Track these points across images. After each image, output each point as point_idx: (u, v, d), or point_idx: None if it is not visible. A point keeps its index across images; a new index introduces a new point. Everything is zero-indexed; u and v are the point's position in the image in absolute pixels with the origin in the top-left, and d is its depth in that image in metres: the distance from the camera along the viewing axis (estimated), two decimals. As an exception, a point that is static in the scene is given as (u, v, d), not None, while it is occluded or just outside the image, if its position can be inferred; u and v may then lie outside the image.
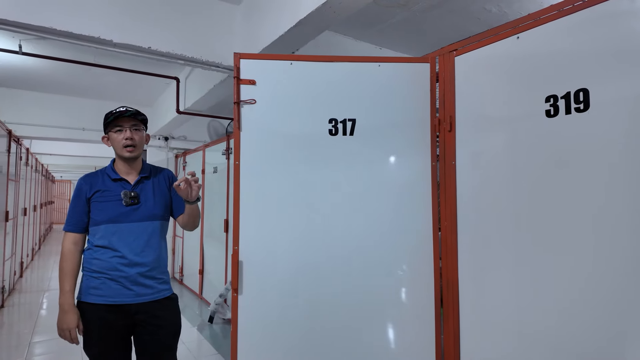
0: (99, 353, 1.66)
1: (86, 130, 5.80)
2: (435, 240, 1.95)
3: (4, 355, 3.24)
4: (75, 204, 1.72)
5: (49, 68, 4.55)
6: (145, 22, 2.69)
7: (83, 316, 1.66)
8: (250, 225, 1.87)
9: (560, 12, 1.47)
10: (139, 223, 1.70)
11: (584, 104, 1.37)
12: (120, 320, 1.66)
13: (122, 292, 1.65)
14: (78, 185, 1.74)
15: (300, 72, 1.94)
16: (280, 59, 1.96)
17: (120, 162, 1.76)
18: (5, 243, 4.55)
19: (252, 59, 1.93)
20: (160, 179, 1.84)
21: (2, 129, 4.19)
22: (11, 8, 2.29)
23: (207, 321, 4.01)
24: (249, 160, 1.89)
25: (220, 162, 4.51)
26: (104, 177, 1.74)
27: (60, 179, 17.48)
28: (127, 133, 1.70)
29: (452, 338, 1.82)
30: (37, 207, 8.47)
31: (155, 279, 1.72)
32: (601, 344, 1.32)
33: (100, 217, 1.68)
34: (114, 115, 1.70)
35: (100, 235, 1.68)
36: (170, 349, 1.76)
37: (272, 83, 1.92)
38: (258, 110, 1.90)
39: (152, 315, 1.70)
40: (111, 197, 1.70)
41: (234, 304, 1.83)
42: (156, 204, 1.77)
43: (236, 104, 1.89)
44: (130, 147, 1.71)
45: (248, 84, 1.90)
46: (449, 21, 3.40)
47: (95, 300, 1.64)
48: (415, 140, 1.97)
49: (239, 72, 1.90)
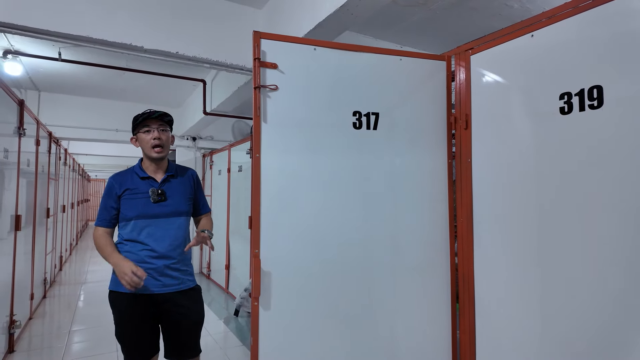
0: (129, 339, 1.78)
1: (119, 131, 6.08)
2: (451, 236, 1.99)
3: (46, 342, 3.49)
4: (106, 201, 1.84)
5: (85, 73, 4.82)
6: (173, 28, 2.84)
7: (113, 304, 1.79)
8: (271, 224, 1.75)
9: (575, 9, 1.48)
10: (166, 219, 1.81)
11: (598, 100, 1.38)
12: (148, 309, 1.77)
13: (150, 283, 1.75)
14: (109, 184, 1.85)
15: (324, 59, 1.85)
16: (304, 42, 1.85)
17: (148, 162, 1.87)
18: (47, 238, 4.86)
19: (274, 40, 1.77)
20: (185, 179, 1.93)
21: (44, 131, 4.47)
22: (52, 19, 2.48)
23: (232, 314, 4.16)
24: (270, 152, 1.75)
25: (245, 161, 4.65)
26: (133, 176, 1.85)
27: (95, 178, 18.26)
28: (154, 133, 1.81)
29: (467, 333, 1.85)
30: (75, 205, 8.93)
31: (180, 271, 1.83)
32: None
33: (130, 213, 1.80)
34: (143, 117, 1.81)
35: (130, 229, 1.79)
36: (194, 336, 1.86)
37: (295, 68, 1.79)
38: (279, 97, 1.76)
39: (177, 304, 1.80)
40: (140, 194, 1.80)
41: (254, 312, 1.71)
42: (181, 201, 1.86)
43: (256, 89, 1.72)
44: (158, 147, 1.81)
45: (269, 67, 1.75)
46: (469, 18, 3.39)
47: (125, 289, 1.73)
48: (434, 137, 1.99)
49: (259, 53, 1.73)
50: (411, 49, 3.99)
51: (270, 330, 1.71)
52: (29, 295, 3.90)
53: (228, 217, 5.13)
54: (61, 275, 6.23)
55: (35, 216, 4.03)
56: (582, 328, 1.42)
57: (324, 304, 1.81)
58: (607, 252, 1.35)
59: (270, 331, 1.72)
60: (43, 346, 3.38)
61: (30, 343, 3.43)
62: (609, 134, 1.35)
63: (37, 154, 4.00)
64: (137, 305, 1.76)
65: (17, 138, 3.15)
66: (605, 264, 1.36)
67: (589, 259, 1.40)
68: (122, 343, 1.80)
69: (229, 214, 5.11)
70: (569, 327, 1.46)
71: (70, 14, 2.51)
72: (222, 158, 5.61)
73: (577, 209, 1.44)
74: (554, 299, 1.51)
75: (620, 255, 1.32)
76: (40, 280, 4.54)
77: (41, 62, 4.41)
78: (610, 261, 1.34)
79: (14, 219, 3.13)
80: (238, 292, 4.34)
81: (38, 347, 3.36)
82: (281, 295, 1.74)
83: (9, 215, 3.02)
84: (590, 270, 1.40)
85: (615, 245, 1.33)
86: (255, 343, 1.70)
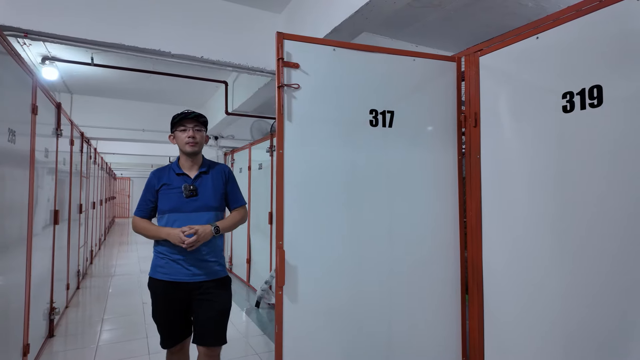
0: (163, 320, 1.98)
1: (145, 131, 6.36)
2: (461, 230, 2.08)
3: (80, 328, 3.74)
4: (145, 194, 2.03)
5: (114, 76, 5.08)
6: (198, 34, 3.01)
7: (151, 289, 1.98)
8: (294, 216, 1.82)
9: (578, 12, 1.55)
10: (197, 213, 1.94)
11: (598, 99, 1.46)
12: (179, 295, 1.93)
13: (181, 272, 1.91)
14: (149, 178, 2.03)
15: (342, 60, 1.92)
16: (323, 43, 1.93)
17: (184, 158, 2.02)
18: (79, 232, 5.15)
19: (296, 41, 1.85)
20: (217, 175, 2.05)
21: (77, 131, 4.75)
22: (88, 28, 2.68)
23: (254, 306, 4.34)
24: (292, 148, 1.82)
25: (264, 159, 4.81)
26: (170, 172, 2.01)
27: (121, 176, 18.90)
28: (189, 132, 1.97)
29: (476, 321, 1.95)
30: (103, 202, 9.33)
31: (210, 262, 1.96)
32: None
33: (165, 207, 1.97)
34: (180, 117, 1.98)
35: (164, 222, 1.96)
36: (218, 324, 1.95)
37: (315, 68, 1.87)
38: (301, 95, 1.84)
39: (205, 293, 1.93)
40: (174, 189, 1.96)
41: (279, 300, 1.78)
42: (212, 197, 1.99)
43: (280, 87, 1.80)
44: (192, 142, 1.97)
45: (291, 67, 1.83)
46: (484, 17, 3.44)
47: (160, 277, 1.94)
48: (445, 135, 2.08)
49: (282, 53, 1.81)
50: (427, 48, 4.06)
51: (294, 317, 1.79)
52: (65, 285, 4.18)
53: (249, 213, 5.31)
54: (92, 268, 6.57)
55: (70, 212, 4.30)
56: (591, 322, 1.48)
57: (345, 295, 1.88)
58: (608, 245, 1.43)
59: (294, 319, 1.79)
60: (78, 332, 3.64)
61: (67, 329, 3.69)
62: (608, 131, 1.42)
63: (71, 153, 4.26)
64: (169, 290, 1.92)
65: (55, 138, 3.40)
66: (607, 258, 1.43)
67: (591, 253, 1.48)
68: (157, 323, 2.00)
69: (250, 210, 5.30)
70: (577, 320, 1.53)
71: (104, 23, 2.72)
72: (242, 156, 5.80)
73: (582, 204, 1.51)
74: (562, 291, 1.59)
75: (617, 249, 1.39)
76: (74, 272, 4.83)
77: (74, 67, 4.69)
78: (611, 255, 1.42)
79: (53, 213, 3.38)
80: (259, 285, 4.52)
81: (74, 333, 3.61)
82: (305, 285, 1.81)
83: (49, 210, 3.26)
84: (594, 266, 1.47)
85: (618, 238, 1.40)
86: (279, 330, 1.78)
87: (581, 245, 1.51)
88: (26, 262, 2.51)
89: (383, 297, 1.95)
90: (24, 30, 2.53)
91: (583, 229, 1.50)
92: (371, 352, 1.91)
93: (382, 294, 1.95)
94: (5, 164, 2.10)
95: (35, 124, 2.63)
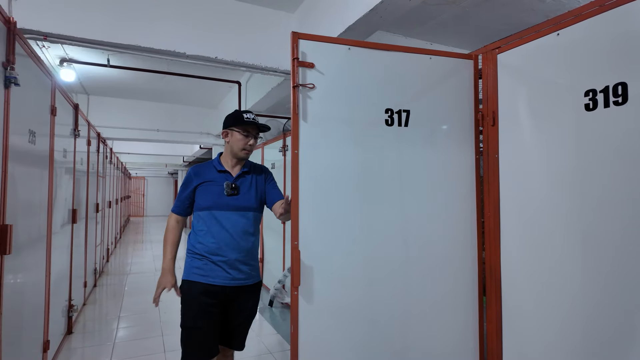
0: (194, 325, 1.80)
1: (160, 131, 6.43)
2: (479, 231, 2.04)
3: (97, 325, 3.81)
4: (183, 190, 1.94)
5: (129, 77, 5.15)
6: (212, 35, 3.03)
7: (185, 292, 1.85)
8: (309, 216, 1.79)
9: (601, 7, 1.51)
10: (236, 212, 1.87)
11: (622, 97, 1.42)
12: (215, 299, 1.82)
13: (220, 274, 1.82)
14: (188, 174, 1.95)
15: (357, 59, 1.89)
16: (338, 42, 1.90)
17: (229, 157, 1.95)
18: (96, 231, 5.24)
19: (311, 40, 1.82)
20: (258, 175, 2.00)
21: (94, 131, 4.83)
22: (105, 31, 2.72)
23: (267, 305, 4.36)
24: (308, 149, 1.80)
25: (277, 159, 4.82)
26: (211, 169, 1.93)
27: (136, 176, 19.18)
28: (251, 140, 1.92)
29: (494, 325, 1.91)
30: (118, 201, 9.47)
31: (249, 265, 1.90)
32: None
33: (204, 203, 1.88)
34: (246, 120, 1.90)
35: (203, 221, 1.87)
36: (246, 330, 1.97)
37: (331, 67, 1.84)
38: (317, 95, 1.81)
39: (239, 298, 1.89)
40: (216, 186, 1.89)
41: (294, 300, 1.75)
42: (252, 197, 1.93)
43: (295, 87, 1.77)
44: (248, 151, 1.93)
45: (307, 67, 1.80)
46: (501, 14, 3.38)
47: (197, 278, 1.82)
48: (462, 134, 2.05)
49: (297, 53, 1.79)
50: (442, 46, 4.02)
51: (309, 317, 1.77)
52: (83, 283, 4.25)
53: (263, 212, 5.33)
54: (108, 266, 6.68)
55: (87, 211, 4.38)
56: (616, 325, 1.45)
57: (359, 295, 1.86)
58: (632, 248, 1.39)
59: (310, 319, 1.76)
60: (95, 329, 3.70)
61: (85, 326, 3.76)
62: (634, 129, 1.38)
63: (88, 153, 4.34)
64: (207, 294, 1.81)
65: (72, 139, 3.46)
66: (632, 262, 1.39)
67: (614, 255, 1.44)
68: (185, 329, 1.82)
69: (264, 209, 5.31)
70: (601, 325, 1.49)
71: (120, 26, 2.75)
72: (255, 156, 5.81)
73: (607, 205, 1.47)
74: (585, 294, 1.55)
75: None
76: (91, 269, 4.92)
77: (91, 68, 4.77)
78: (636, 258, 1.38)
79: (71, 212, 3.44)
80: (272, 284, 4.53)
81: (92, 330, 3.68)
82: (320, 285, 1.79)
83: (67, 209, 3.32)
84: (618, 268, 1.43)
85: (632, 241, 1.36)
86: (295, 330, 1.75)
87: (604, 248, 1.47)
88: (46, 259, 2.56)
89: (397, 298, 1.93)
90: (43, 33, 2.58)
91: (606, 230, 1.46)
92: (385, 353, 1.89)
93: (396, 294, 1.93)
94: (26, 165, 2.14)
95: (54, 124, 2.68)
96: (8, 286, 1.84)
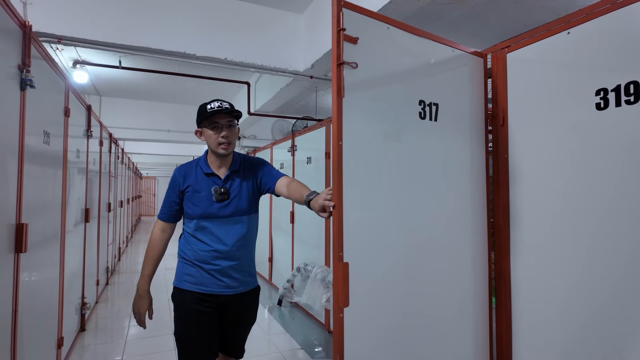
0: (188, 337, 1.70)
1: (170, 131, 6.50)
2: (488, 230, 2.03)
3: (109, 323, 3.87)
4: (168, 194, 1.79)
5: (140, 78, 5.22)
6: (221, 36, 3.06)
7: (177, 301, 1.74)
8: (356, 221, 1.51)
9: (613, 5, 1.49)
10: (229, 219, 1.72)
11: (635, 96, 1.40)
12: (209, 308, 1.71)
13: (213, 283, 1.71)
14: (173, 176, 1.78)
15: (395, 41, 1.69)
16: (379, 19, 1.65)
17: (213, 156, 1.76)
18: (108, 230, 5.32)
19: (355, 12, 1.54)
20: (249, 172, 1.82)
21: (106, 132, 4.90)
22: (116, 33, 2.77)
23: (276, 304, 4.38)
24: (354, 141, 1.52)
25: (286, 159, 4.84)
26: (197, 170, 1.76)
27: (147, 176, 19.41)
28: (223, 132, 1.69)
29: (504, 326, 1.90)
30: (130, 200, 9.60)
31: (243, 272, 1.78)
32: None
33: (193, 212, 1.73)
34: (211, 112, 1.67)
35: (194, 228, 1.73)
36: (245, 337, 1.90)
37: (371, 46, 1.59)
38: (357, 77, 1.52)
39: (235, 306, 1.78)
40: (202, 192, 1.72)
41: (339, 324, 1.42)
42: (244, 199, 1.76)
43: (339, 65, 1.46)
44: (225, 144, 1.70)
45: (351, 42, 1.50)
46: (511, 13, 3.36)
47: (188, 287, 1.71)
48: (477, 132, 2.02)
49: (342, 23, 1.46)
50: (451, 45, 3.99)
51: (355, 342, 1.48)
52: (95, 281, 4.32)
53: (271, 212, 5.36)
54: (120, 265, 6.77)
55: (100, 210, 4.45)
56: (623, 330, 1.44)
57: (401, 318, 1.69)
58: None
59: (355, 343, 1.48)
60: (107, 327, 3.76)
61: (97, 324, 3.83)
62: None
63: (100, 153, 4.41)
64: (200, 302, 1.71)
65: (85, 139, 3.52)
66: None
67: (627, 256, 1.42)
68: (178, 339, 1.74)
69: (271, 210, 5.34)
70: (614, 326, 1.48)
71: (132, 28, 2.80)
72: (264, 156, 5.84)
73: (620, 205, 1.46)
74: (596, 295, 1.53)
75: None
76: (104, 268, 4.99)
77: (103, 70, 4.84)
78: None
79: (84, 211, 3.50)
80: (281, 283, 4.55)
81: (104, 328, 3.74)
82: (366, 301, 1.52)
83: (80, 208, 3.38)
84: (631, 269, 1.42)
85: None
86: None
87: (616, 249, 1.45)
88: (60, 258, 2.61)
89: (432, 309, 1.80)
90: (57, 36, 2.63)
91: (618, 233, 1.45)
92: None
93: (431, 304, 1.80)
94: (41, 165, 2.19)
95: (68, 125, 2.73)
96: (24, 284, 1.89)
